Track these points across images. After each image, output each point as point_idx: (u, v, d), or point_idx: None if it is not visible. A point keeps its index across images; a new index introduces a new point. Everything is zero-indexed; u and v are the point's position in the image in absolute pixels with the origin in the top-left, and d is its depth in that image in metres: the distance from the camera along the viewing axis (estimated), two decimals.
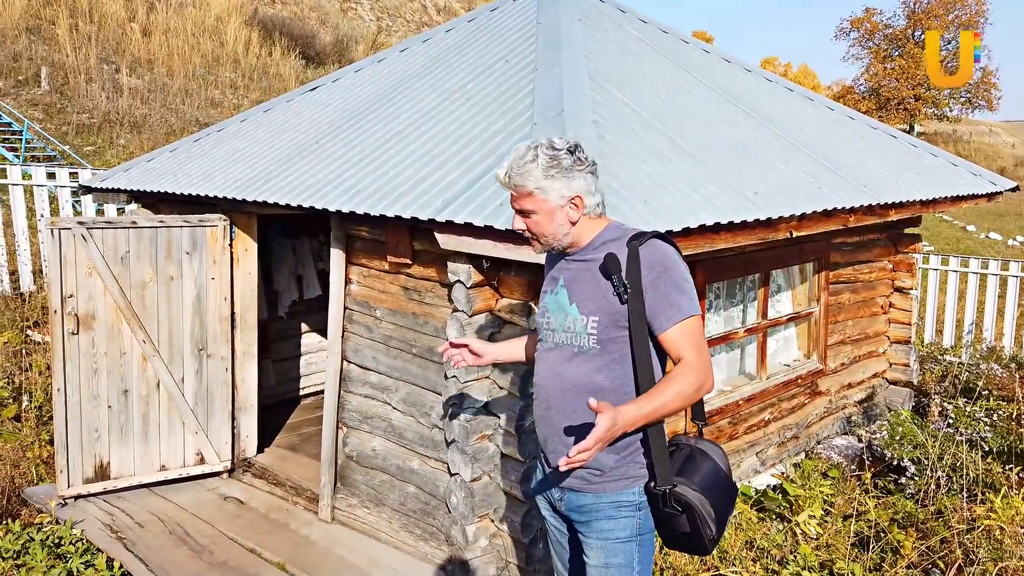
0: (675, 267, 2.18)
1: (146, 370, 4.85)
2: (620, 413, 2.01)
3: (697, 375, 2.10)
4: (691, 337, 2.14)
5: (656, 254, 2.17)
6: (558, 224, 2.23)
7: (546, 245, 2.30)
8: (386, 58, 6.20)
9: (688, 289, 2.18)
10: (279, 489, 5.04)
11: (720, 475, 2.21)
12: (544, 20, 5.25)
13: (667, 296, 2.14)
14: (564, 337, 2.27)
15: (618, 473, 2.22)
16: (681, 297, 2.15)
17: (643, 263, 2.15)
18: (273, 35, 26.33)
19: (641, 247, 2.17)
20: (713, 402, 4.97)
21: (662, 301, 2.14)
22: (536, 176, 2.17)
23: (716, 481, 2.19)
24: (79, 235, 4.54)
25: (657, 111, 4.49)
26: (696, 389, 2.10)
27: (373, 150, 4.44)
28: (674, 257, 2.20)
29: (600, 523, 2.25)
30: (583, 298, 2.24)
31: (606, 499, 2.23)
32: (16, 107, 16.18)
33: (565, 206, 2.21)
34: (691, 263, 4.48)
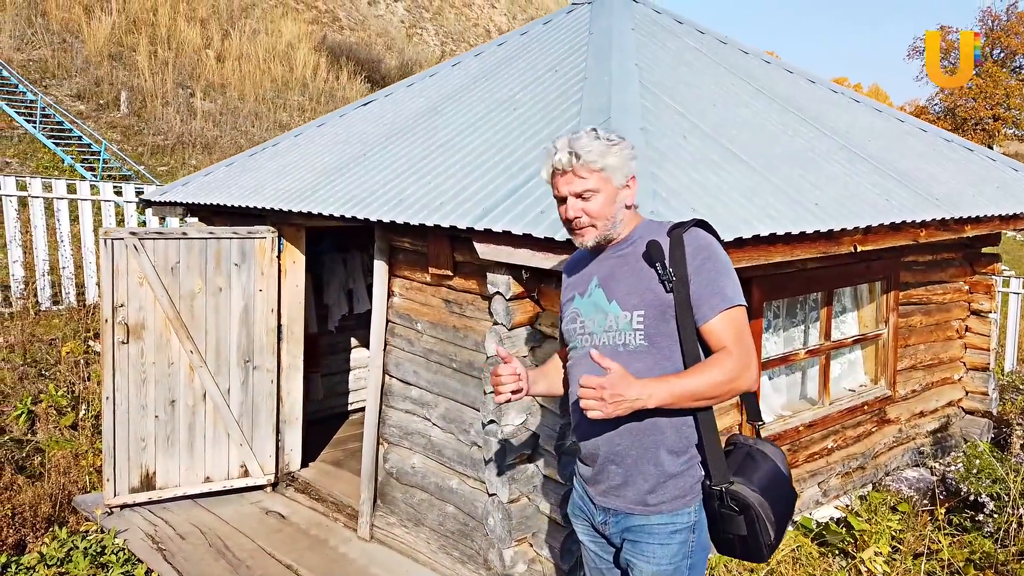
0: (719, 254, 2.07)
1: (193, 381, 4.88)
2: (646, 385, 1.90)
3: (735, 364, 1.95)
4: (735, 327, 2.00)
5: (701, 240, 2.06)
6: (617, 206, 2.13)
7: (600, 232, 2.13)
8: (438, 72, 6.19)
9: (734, 277, 2.06)
10: (320, 505, 4.98)
11: (781, 477, 2.07)
12: (596, 30, 5.14)
13: (713, 283, 2.01)
14: (606, 338, 2.10)
15: (677, 488, 2.06)
16: (727, 284, 2.03)
17: (688, 249, 2.03)
18: (340, 60, 27.08)
19: (684, 234, 2.06)
20: (772, 427, 4.70)
21: (708, 288, 2.01)
22: (603, 151, 2.07)
23: (776, 483, 2.05)
24: (131, 245, 4.61)
25: (711, 120, 4.30)
26: (732, 379, 1.95)
27: (417, 160, 4.38)
28: (717, 244, 2.09)
29: (652, 547, 2.10)
30: (623, 293, 2.10)
31: (658, 521, 2.08)
32: (96, 129, 16.96)
33: (624, 187, 2.13)
34: (746, 279, 4.28)
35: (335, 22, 32.40)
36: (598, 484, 2.16)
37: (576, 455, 2.28)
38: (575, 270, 2.30)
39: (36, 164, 14.88)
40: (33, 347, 6.83)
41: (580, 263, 2.29)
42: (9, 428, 5.88)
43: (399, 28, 36.54)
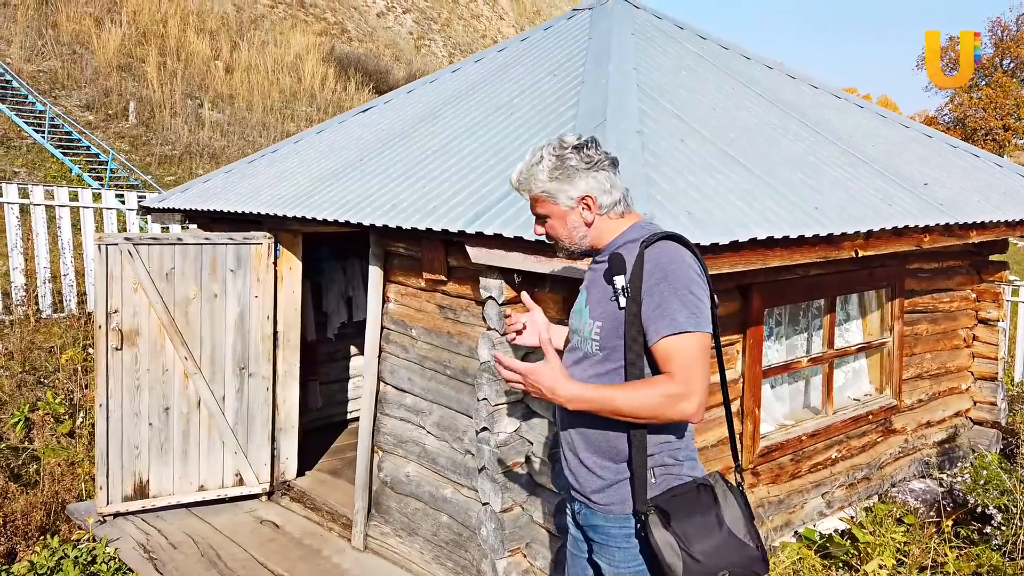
0: (678, 273, 1.95)
1: (187, 388, 4.84)
2: (563, 379, 1.94)
3: (668, 388, 1.88)
4: (678, 354, 1.90)
5: (662, 257, 1.97)
6: (572, 227, 2.12)
7: (566, 250, 2.19)
8: (438, 78, 6.16)
9: (690, 300, 1.93)
10: (315, 514, 4.92)
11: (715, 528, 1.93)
12: (596, 35, 5.11)
13: (663, 305, 1.93)
14: (577, 340, 2.17)
15: (620, 494, 2.03)
16: (678, 308, 1.92)
17: (647, 266, 1.96)
18: (348, 71, 27.22)
19: (647, 249, 1.99)
20: (774, 437, 4.61)
21: (657, 311, 1.94)
22: (542, 179, 2.08)
23: (705, 532, 1.92)
24: (126, 251, 4.59)
25: (711, 124, 4.24)
26: (660, 404, 1.88)
27: (413, 165, 4.35)
28: (680, 261, 1.98)
29: (612, 550, 2.08)
30: (594, 302, 2.11)
31: (616, 523, 2.06)
32: (104, 139, 17.06)
33: (576, 208, 2.10)
34: (746, 286, 4.21)
35: (344, 33, 32.61)
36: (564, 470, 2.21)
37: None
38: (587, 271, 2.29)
39: (44, 174, 14.97)
40: (32, 355, 6.82)
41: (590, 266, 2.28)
42: (6, 435, 5.85)
43: (407, 39, 36.74)
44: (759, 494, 4.60)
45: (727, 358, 4.34)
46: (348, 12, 35.22)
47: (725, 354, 4.32)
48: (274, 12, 30.08)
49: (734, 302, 4.28)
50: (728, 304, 4.26)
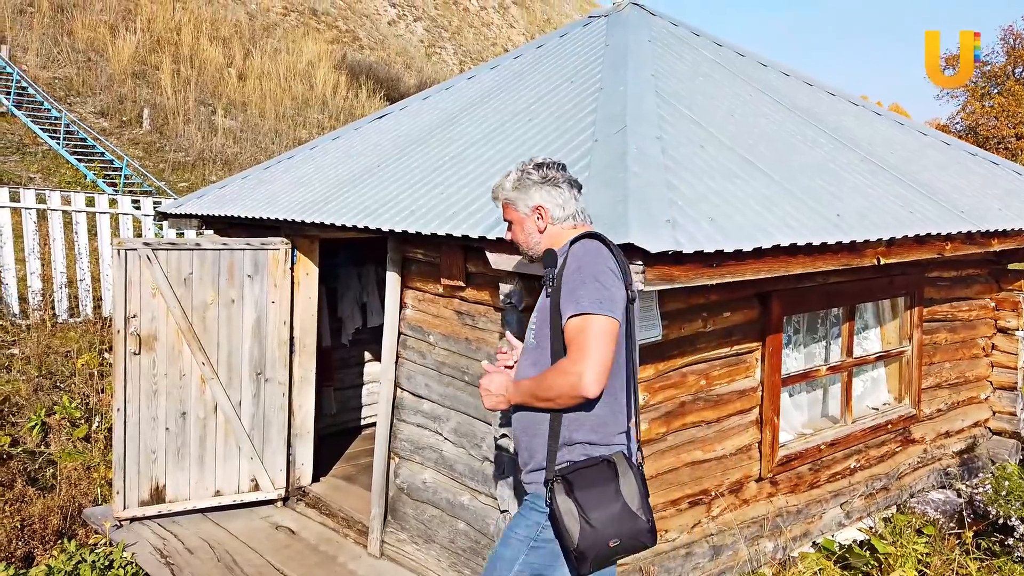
0: (590, 264, 2.17)
1: (204, 393, 4.84)
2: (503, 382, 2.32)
3: (565, 365, 2.10)
4: (577, 334, 2.10)
5: (578, 250, 2.22)
6: (528, 233, 2.44)
7: (525, 253, 2.50)
8: (453, 85, 6.17)
9: (595, 288, 2.12)
10: (331, 520, 4.91)
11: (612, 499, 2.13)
12: (612, 42, 5.10)
13: (573, 290, 2.14)
14: (527, 334, 2.41)
15: (538, 476, 2.27)
16: (584, 293, 2.12)
17: (568, 259, 2.21)
18: (360, 78, 27.33)
19: (572, 245, 2.25)
20: (792, 446, 4.58)
21: (568, 296, 2.15)
22: (507, 188, 2.45)
23: (602, 502, 2.13)
24: (144, 256, 4.61)
25: (729, 130, 4.23)
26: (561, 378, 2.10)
27: (431, 172, 4.35)
28: (595, 254, 2.19)
29: (516, 516, 2.40)
30: (537, 300, 2.40)
31: (529, 498, 2.34)
32: (119, 145, 17.19)
33: (531, 215, 2.41)
34: (767, 293, 4.19)
35: (355, 41, 32.77)
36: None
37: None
38: None
39: (59, 179, 15.09)
40: (49, 359, 6.85)
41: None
42: (22, 439, 5.88)
43: (418, 47, 36.90)
44: (778, 503, 4.56)
45: (746, 366, 4.32)
46: (360, 20, 35.41)
47: (744, 362, 4.30)
48: (286, 20, 30.28)
49: (753, 309, 4.26)
50: (747, 311, 4.23)
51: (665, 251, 2.67)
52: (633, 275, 2.72)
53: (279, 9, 30.89)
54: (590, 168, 3.38)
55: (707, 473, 4.15)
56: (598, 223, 2.88)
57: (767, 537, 4.48)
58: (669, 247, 2.68)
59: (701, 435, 4.10)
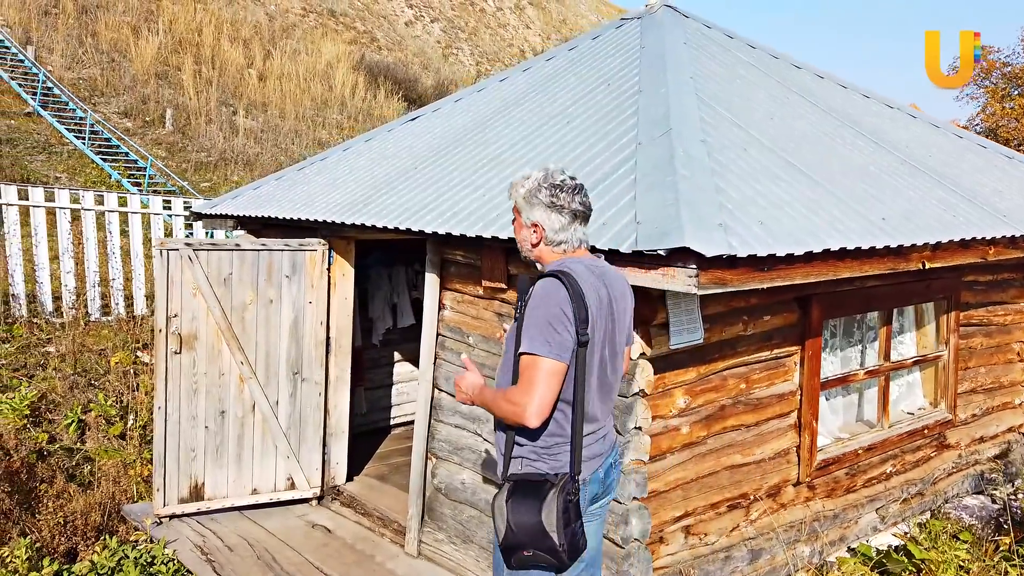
0: (541, 306, 2.35)
1: (243, 392, 4.89)
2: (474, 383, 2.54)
3: (512, 396, 2.33)
4: (526, 371, 2.33)
5: (539, 290, 2.39)
6: (522, 239, 2.59)
7: (522, 253, 2.65)
8: (486, 87, 6.20)
9: (545, 329, 2.32)
10: (366, 519, 4.94)
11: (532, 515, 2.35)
12: (648, 44, 5.10)
13: (527, 329, 2.35)
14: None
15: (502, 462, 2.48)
16: (536, 334, 2.32)
17: (532, 295, 2.40)
18: (378, 79, 27.43)
19: (538, 281, 2.42)
20: (829, 450, 4.56)
21: (525, 331, 2.36)
22: (517, 195, 2.56)
23: (526, 514, 2.36)
24: (186, 256, 4.66)
25: (770, 132, 4.22)
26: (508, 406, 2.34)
27: (471, 173, 4.37)
28: (550, 297, 2.36)
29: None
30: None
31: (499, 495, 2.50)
32: (142, 145, 17.36)
33: (529, 227, 2.54)
34: (806, 297, 4.18)
35: (373, 42, 32.89)
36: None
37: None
38: None
39: (84, 179, 15.25)
40: (83, 357, 6.93)
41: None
42: (59, 436, 5.95)
43: (435, 48, 36.98)
44: (814, 508, 4.55)
45: (784, 369, 4.31)
46: (377, 21, 35.55)
47: (783, 365, 4.29)
48: (305, 21, 30.44)
49: (792, 313, 4.25)
50: (786, 315, 4.23)
51: (720, 255, 2.68)
52: (686, 279, 2.73)
53: (298, 10, 31.07)
54: (636, 171, 3.39)
55: (746, 477, 4.15)
56: (647, 226, 2.90)
57: (804, 542, 4.47)
58: (724, 251, 2.68)
59: (740, 439, 4.10)
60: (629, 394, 3.31)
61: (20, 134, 16.08)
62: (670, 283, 2.76)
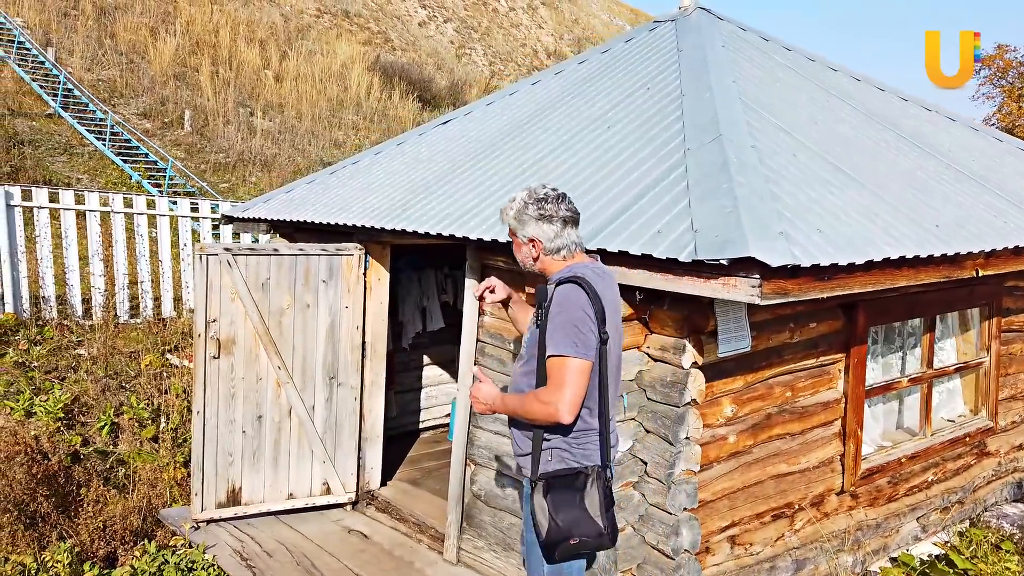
0: (566, 310, 2.51)
1: (279, 397, 4.88)
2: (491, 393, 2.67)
3: (543, 396, 2.48)
4: (556, 371, 2.49)
5: (560, 295, 2.55)
6: (524, 256, 2.77)
7: (522, 268, 2.84)
8: (518, 91, 6.16)
9: (571, 331, 2.48)
10: (402, 525, 4.92)
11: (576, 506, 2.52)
12: (686, 47, 5.06)
13: (552, 334, 2.52)
14: (522, 348, 2.80)
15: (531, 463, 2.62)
16: (562, 338, 2.49)
17: (552, 300, 2.55)
18: (393, 80, 27.44)
19: (557, 288, 2.57)
20: (873, 459, 4.51)
21: (549, 336, 2.52)
22: (509, 217, 2.75)
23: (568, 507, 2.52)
24: (225, 261, 4.65)
25: (815, 137, 4.17)
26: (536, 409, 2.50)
27: (511, 179, 4.34)
28: (572, 302, 2.52)
29: (525, 503, 2.72)
30: (532, 320, 2.74)
31: (526, 484, 2.72)
32: (162, 146, 17.43)
33: (527, 244, 2.73)
34: (852, 303, 4.13)
35: (387, 43, 32.93)
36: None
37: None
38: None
39: (105, 180, 15.33)
40: (114, 359, 6.96)
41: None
42: (92, 439, 5.97)
43: (449, 48, 36.98)
44: (857, 517, 4.50)
45: (829, 377, 4.26)
46: (391, 22, 35.59)
47: (827, 373, 4.24)
48: (320, 22, 30.52)
49: (837, 320, 4.20)
50: (831, 322, 4.18)
51: (784, 265, 2.64)
52: (748, 289, 2.69)
53: (312, 11, 31.15)
54: (687, 177, 3.35)
55: (791, 486, 4.10)
56: (706, 234, 2.86)
57: (847, 551, 4.42)
58: (787, 261, 2.64)
59: (786, 448, 4.05)
60: (681, 404, 3.28)
61: (42, 135, 16.18)
62: (731, 293, 2.72)
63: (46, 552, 4.29)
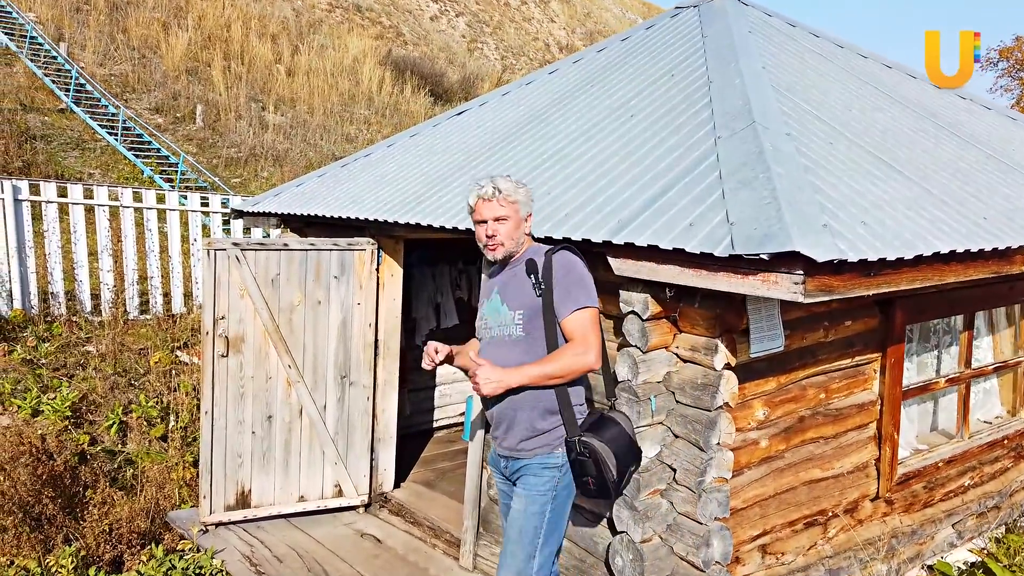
0: (574, 269, 2.79)
1: (290, 396, 4.73)
2: (496, 371, 2.70)
3: (575, 351, 2.68)
4: (582, 323, 2.71)
5: (563, 259, 2.80)
6: (520, 232, 2.89)
7: (507, 249, 2.88)
8: (535, 80, 5.97)
9: (587, 286, 2.78)
10: (416, 529, 4.76)
11: (624, 435, 2.85)
12: (711, 33, 4.85)
13: (569, 291, 2.73)
14: (499, 331, 2.88)
15: (544, 440, 2.79)
16: (580, 291, 2.74)
17: (554, 267, 2.77)
18: (404, 74, 27.27)
19: (554, 255, 2.81)
20: (910, 463, 4.30)
21: (564, 294, 2.73)
22: (515, 189, 2.86)
23: (619, 438, 2.81)
24: (233, 256, 4.50)
25: (852, 126, 3.96)
26: (572, 363, 2.69)
27: (530, 170, 4.16)
28: (577, 262, 2.81)
29: (528, 478, 2.83)
30: (511, 298, 2.86)
31: (536, 461, 2.82)
32: (174, 141, 17.35)
33: (525, 219, 2.91)
34: (889, 300, 3.92)
35: (399, 37, 32.76)
36: (496, 438, 2.92)
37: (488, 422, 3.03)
38: (488, 283, 3.04)
39: (117, 175, 15.25)
40: (123, 356, 6.83)
41: (492, 276, 3.03)
42: (100, 438, 5.84)
43: (460, 43, 36.79)
44: (892, 524, 4.29)
45: (864, 377, 4.06)
46: (403, 16, 35.42)
47: (862, 373, 4.04)
48: (331, 16, 30.38)
49: (873, 318, 4.00)
50: (867, 320, 3.97)
51: (830, 260, 2.44)
52: (791, 285, 2.50)
53: (324, 6, 31.02)
54: (719, 167, 3.15)
55: (824, 492, 3.90)
56: (743, 227, 2.66)
57: (881, 560, 4.21)
58: (834, 255, 2.45)
59: (819, 452, 3.86)
60: (713, 408, 3.09)
61: (54, 130, 16.12)
62: (772, 290, 2.52)
63: (51, 556, 4.17)
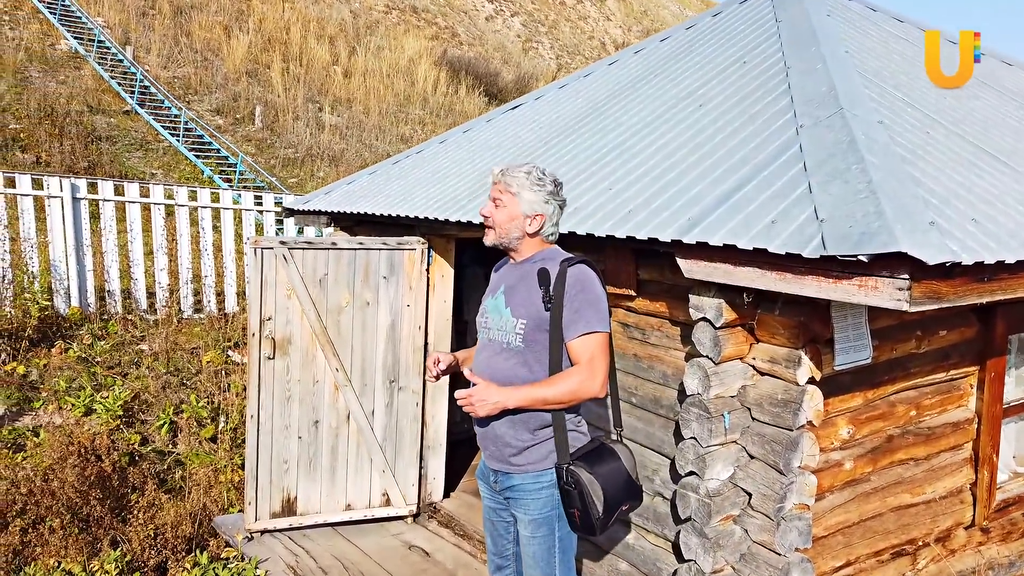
0: (589, 288, 2.53)
1: (337, 400, 4.56)
2: (501, 390, 2.49)
3: (581, 378, 2.47)
4: (590, 348, 2.49)
5: (579, 275, 2.54)
6: (512, 225, 2.64)
7: (496, 237, 2.68)
8: (593, 72, 5.70)
9: (600, 308, 2.53)
10: (466, 542, 4.54)
11: (620, 471, 2.60)
12: (786, 18, 4.50)
13: (579, 312, 2.50)
14: (498, 335, 2.65)
15: (535, 455, 2.57)
16: (593, 314, 2.51)
17: (568, 281, 2.52)
18: (459, 74, 27.25)
19: (569, 268, 2.55)
20: (1008, 488, 3.89)
21: (575, 315, 2.50)
22: (522, 182, 2.62)
23: (614, 473, 2.57)
24: (280, 255, 4.35)
25: (947, 113, 3.58)
26: (576, 389, 2.47)
27: (589, 164, 3.89)
28: (593, 280, 2.56)
29: (525, 502, 2.63)
30: (517, 303, 2.61)
31: (529, 479, 2.60)
32: (233, 142, 17.60)
33: (529, 216, 2.63)
34: (988, 308, 3.52)
35: (454, 37, 32.79)
36: (485, 451, 2.73)
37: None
38: (497, 275, 2.82)
39: (179, 175, 15.53)
40: (175, 355, 6.81)
41: (501, 269, 2.82)
42: (151, 438, 5.80)
43: (515, 43, 36.63)
44: (987, 555, 3.88)
45: (959, 393, 3.66)
46: (458, 16, 35.46)
47: (957, 388, 3.65)
48: (388, 18, 30.58)
49: (971, 327, 3.61)
50: (963, 329, 3.58)
51: (942, 263, 2.11)
52: (894, 291, 2.17)
53: (381, 7, 31.24)
54: (804, 158, 2.83)
55: (914, 520, 3.53)
56: (836, 225, 2.35)
57: None
58: (946, 257, 2.12)
59: (909, 475, 3.49)
60: (795, 427, 2.77)
61: (119, 132, 16.52)
62: (871, 297, 2.20)
63: (95, 561, 4.08)
